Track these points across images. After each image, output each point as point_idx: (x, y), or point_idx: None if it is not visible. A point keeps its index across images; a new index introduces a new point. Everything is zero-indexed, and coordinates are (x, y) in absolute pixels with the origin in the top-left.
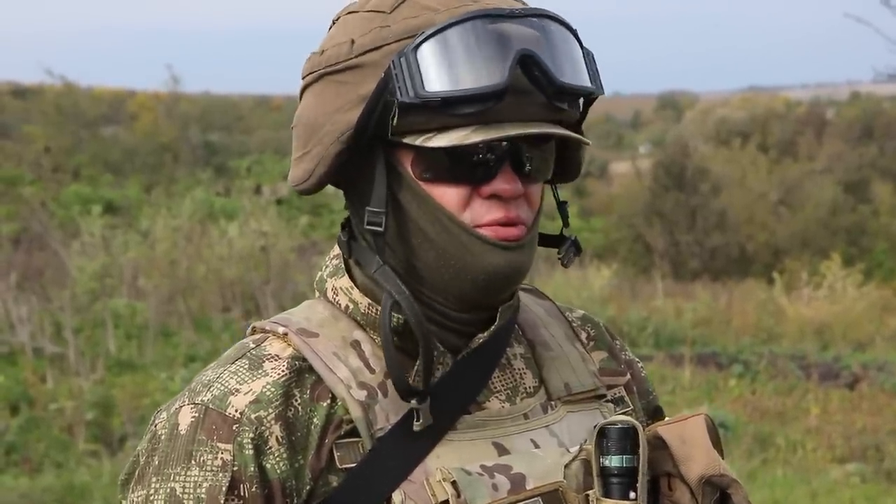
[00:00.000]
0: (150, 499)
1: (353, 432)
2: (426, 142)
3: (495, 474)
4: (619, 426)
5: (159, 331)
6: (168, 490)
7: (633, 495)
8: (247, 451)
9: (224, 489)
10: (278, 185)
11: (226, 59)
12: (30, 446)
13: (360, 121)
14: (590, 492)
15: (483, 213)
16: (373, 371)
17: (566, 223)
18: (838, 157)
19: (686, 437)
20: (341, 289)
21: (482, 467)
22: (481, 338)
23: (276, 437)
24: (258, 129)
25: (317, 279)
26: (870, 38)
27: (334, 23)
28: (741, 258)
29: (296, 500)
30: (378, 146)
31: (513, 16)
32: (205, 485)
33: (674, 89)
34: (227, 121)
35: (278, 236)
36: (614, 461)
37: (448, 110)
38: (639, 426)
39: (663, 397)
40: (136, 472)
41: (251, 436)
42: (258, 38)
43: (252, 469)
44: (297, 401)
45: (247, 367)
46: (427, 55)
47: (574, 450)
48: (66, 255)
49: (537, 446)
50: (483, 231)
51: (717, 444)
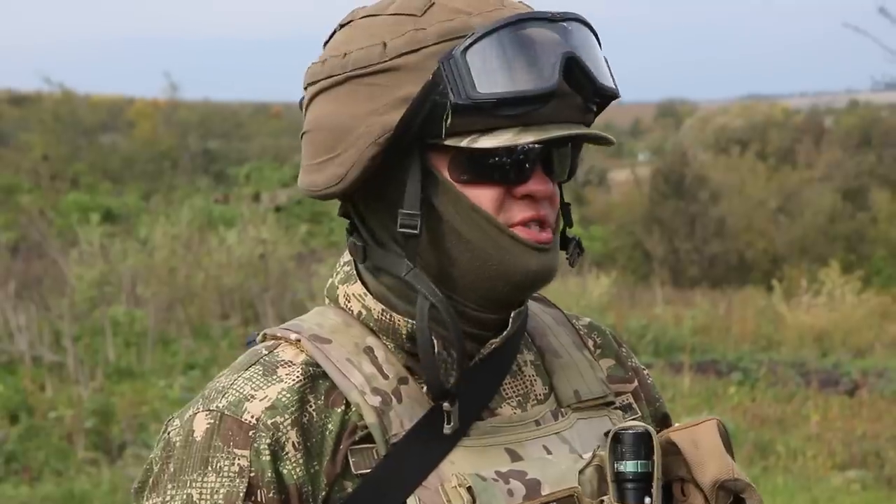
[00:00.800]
0: None
1: (368, 438)
2: (472, 143)
3: (510, 480)
4: (634, 431)
5: (158, 338)
6: (185, 496)
7: (648, 501)
8: (264, 457)
9: (241, 495)
10: (277, 193)
11: (224, 67)
12: (29, 455)
13: (403, 123)
14: (604, 497)
15: (516, 213)
16: (386, 377)
17: (570, 224)
18: (837, 165)
19: (699, 442)
20: (354, 295)
21: (497, 473)
22: (494, 343)
23: (293, 442)
24: (257, 137)
25: (327, 286)
26: (868, 47)
27: (342, 27)
28: (740, 266)
29: None
30: (414, 148)
31: (553, 20)
32: (222, 491)
33: (673, 97)
34: (226, 128)
35: (277, 244)
36: (629, 466)
37: (496, 112)
38: (653, 431)
39: None
40: (150, 480)
41: (268, 441)
42: (257, 46)
43: (269, 475)
44: (311, 407)
45: (261, 373)
46: (476, 57)
47: (587, 456)
48: (65, 264)
49: (549, 453)
50: (518, 232)
51: (729, 448)
